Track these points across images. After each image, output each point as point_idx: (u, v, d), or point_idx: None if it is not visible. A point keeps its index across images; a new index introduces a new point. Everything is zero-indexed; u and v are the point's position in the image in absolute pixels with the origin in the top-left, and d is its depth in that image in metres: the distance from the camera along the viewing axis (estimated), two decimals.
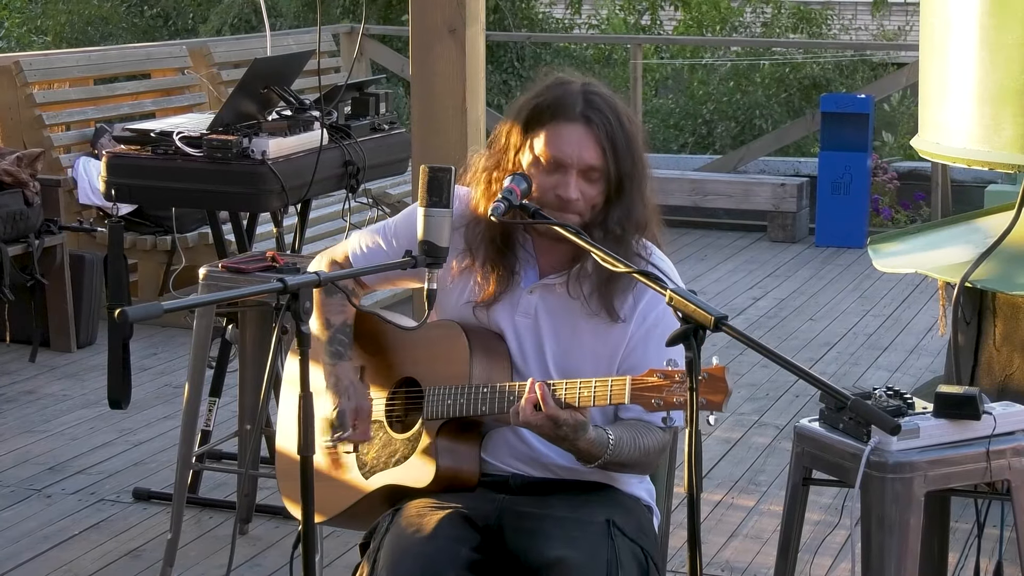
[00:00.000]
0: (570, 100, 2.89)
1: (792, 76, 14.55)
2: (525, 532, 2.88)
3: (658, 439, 2.94)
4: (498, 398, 2.87)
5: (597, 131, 2.88)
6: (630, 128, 2.93)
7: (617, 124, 2.90)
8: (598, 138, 2.88)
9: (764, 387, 6.28)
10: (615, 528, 2.89)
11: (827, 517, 4.79)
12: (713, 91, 14.90)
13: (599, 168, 2.89)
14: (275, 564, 4.46)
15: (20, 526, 4.78)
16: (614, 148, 2.89)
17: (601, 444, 2.83)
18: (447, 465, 2.94)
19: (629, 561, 2.85)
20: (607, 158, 2.88)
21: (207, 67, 8.41)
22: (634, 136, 2.93)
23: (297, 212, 4.99)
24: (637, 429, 2.91)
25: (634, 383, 2.67)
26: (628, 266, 2.71)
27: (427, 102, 5.10)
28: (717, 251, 9.28)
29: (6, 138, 7.26)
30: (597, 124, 2.88)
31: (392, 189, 7.84)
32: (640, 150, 2.95)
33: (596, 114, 2.88)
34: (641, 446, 2.90)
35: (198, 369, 4.29)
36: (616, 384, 2.70)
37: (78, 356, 6.72)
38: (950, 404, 3.19)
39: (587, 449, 2.81)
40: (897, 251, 4.89)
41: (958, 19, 4.52)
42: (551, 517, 2.90)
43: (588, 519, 2.89)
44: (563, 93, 2.92)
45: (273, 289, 2.57)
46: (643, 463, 2.94)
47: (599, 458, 2.84)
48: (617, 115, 2.91)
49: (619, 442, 2.85)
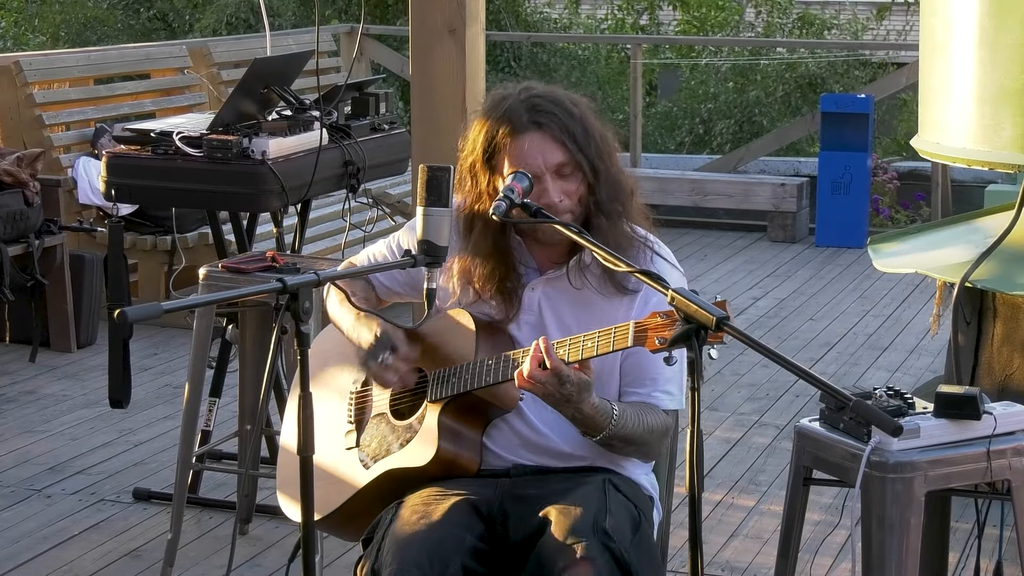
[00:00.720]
0: (514, 115, 2.93)
1: (789, 75, 14.56)
2: (528, 516, 2.89)
3: (661, 420, 2.98)
4: (503, 367, 2.89)
5: (551, 130, 2.92)
6: (579, 112, 2.96)
7: (566, 115, 2.94)
8: (555, 136, 2.92)
9: (764, 387, 6.29)
10: (610, 485, 2.94)
11: (827, 517, 4.79)
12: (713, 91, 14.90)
13: (568, 162, 2.93)
14: (275, 564, 4.46)
15: (20, 526, 4.78)
16: (573, 137, 2.93)
17: (605, 412, 2.86)
18: (448, 446, 2.96)
19: (620, 512, 2.88)
20: (571, 149, 2.92)
21: (207, 67, 8.41)
22: (586, 117, 2.97)
23: (297, 212, 4.99)
24: (641, 407, 2.95)
25: (637, 326, 2.69)
26: (630, 265, 2.72)
27: (427, 102, 5.09)
28: (717, 251, 9.28)
29: (6, 138, 7.26)
30: (547, 124, 2.92)
31: (392, 189, 7.84)
32: (596, 127, 2.99)
33: (543, 115, 2.92)
34: (645, 423, 2.93)
35: (198, 369, 4.29)
36: (619, 330, 2.72)
37: (78, 356, 6.72)
38: (950, 404, 3.19)
39: (591, 415, 2.84)
40: (897, 251, 4.89)
41: (958, 19, 4.52)
42: (552, 492, 2.92)
43: (586, 486, 2.93)
44: (505, 111, 2.95)
45: (273, 289, 2.58)
46: (647, 442, 2.96)
47: (603, 428, 2.86)
48: (562, 106, 2.95)
49: (623, 414, 2.89)
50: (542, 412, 2.99)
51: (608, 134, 3.01)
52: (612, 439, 2.90)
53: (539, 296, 3.02)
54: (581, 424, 2.88)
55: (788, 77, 14.50)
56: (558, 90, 3.00)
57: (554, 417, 2.98)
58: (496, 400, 2.97)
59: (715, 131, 14.40)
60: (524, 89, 2.98)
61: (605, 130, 3.01)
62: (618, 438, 2.90)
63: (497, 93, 3.01)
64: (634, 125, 10.48)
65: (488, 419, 3.01)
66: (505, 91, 3.00)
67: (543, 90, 2.98)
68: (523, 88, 2.99)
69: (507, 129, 2.93)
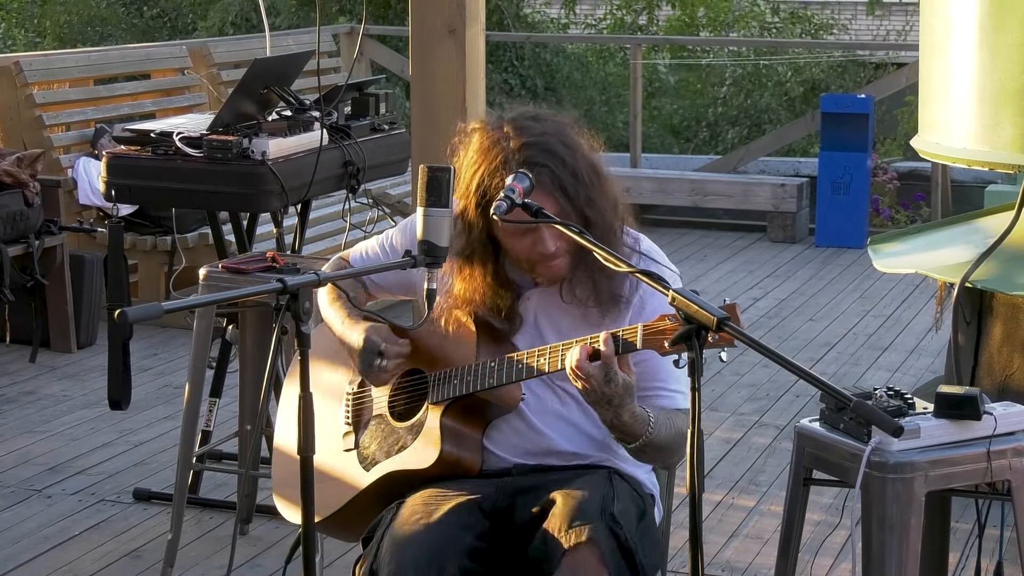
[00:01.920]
0: (509, 167, 2.89)
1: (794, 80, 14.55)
2: (532, 505, 2.90)
3: (683, 422, 2.94)
4: (506, 369, 2.89)
5: (543, 185, 2.89)
6: (570, 156, 2.93)
7: (559, 164, 2.91)
8: (547, 190, 2.90)
9: (764, 387, 6.29)
10: (615, 474, 2.95)
11: (828, 517, 4.79)
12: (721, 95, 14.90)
13: (560, 212, 2.91)
14: (275, 564, 4.46)
15: (20, 526, 4.78)
16: (564, 190, 2.91)
17: (643, 419, 2.84)
18: (451, 448, 2.96)
19: (627, 498, 2.89)
20: (562, 203, 2.91)
21: (207, 67, 8.40)
22: (577, 161, 2.94)
23: (297, 212, 4.99)
24: (666, 413, 2.94)
25: (645, 328, 2.69)
26: (630, 266, 2.72)
27: (427, 102, 5.09)
28: (717, 251, 9.28)
29: (6, 138, 7.26)
30: (541, 180, 2.88)
31: (392, 189, 7.84)
32: (585, 163, 2.95)
33: (536, 168, 2.88)
34: (673, 427, 2.92)
35: (198, 369, 4.29)
36: (628, 332, 2.72)
37: (78, 356, 6.72)
38: (951, 404, 3.19)
39: (630, 422, 2.81)
40: (897, 251, 4.89)
41: (958, 19, 4.52)
42: (555, 481, 2.93)
43: (589, 477, 2.94)
44: (499, 161, 2.91)
45: (273, 289, 2.58)
46: (676, 445, 2.94)
47: (641, 436, 2.84)
48: (555, 155, 2.91)
49: (657, 420, 2.87)
50: (542, 412, 2.99)
51: (596, 160, 2.99)
52: (648, 447, 2.88)
53: (534, 307, 3.02)
54: (618, 430, 2.85)
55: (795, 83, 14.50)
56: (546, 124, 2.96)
57: (554, 417, 2.98)
58: (497, 400, 2.97)
59: (722, 137, 14.40)
60: (515, 132, 2.93)
61: (594, 156, 2.99)
62: (652, 446, 2.88)
63: (487, 135, 2.96)
64: (634, 125, 10.49)
65: (488, 419, 3.01)
66: (495, 134, 2.95)
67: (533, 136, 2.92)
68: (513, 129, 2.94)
69: (501, 184, 2.88)
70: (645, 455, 2.94)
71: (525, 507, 2.92)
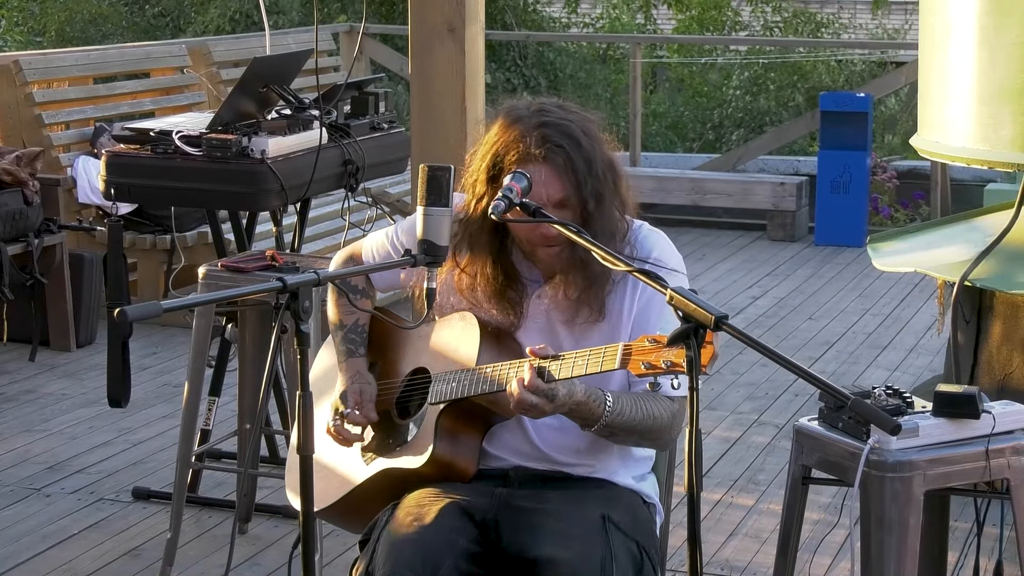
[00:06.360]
0: (524, 143, 2.91)
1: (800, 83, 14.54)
2: (521, 528, 2.89)
3: (665, 407, 2.95)
4: (498, 377, 2.89)
5: (556, 165, 2.91)
6: (588, 144, 2.95)
7: (574, 147, 2.92)
8: (560, 172, 2.91)
9: (763, 386, 6.29)
10: (610, 523, 2.90)
11: (826, 516, 4.80)
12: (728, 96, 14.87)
13: (567, 197, 2.92)
14: (274, 563, 4.46)
15: (19, 525, 4.78)
16: (575, 175, 2.92)
17: (597, 399, 2.85)
18: (443, 450, 2.96)
19: (624, 556, 2.86)
20: (571, 187, 2.92)
21: (206, 66, 8.40)
22: (594, 146, 2.96)
23: (296, 211, 4.99)
24: (640, 395, 2.93)
25: (625, 348, 2.69)
26: (629, 265, 2.72)
27: (427, 102, 5.09)
28: (716, 250, 9.28)
29: (6, 137, 7.26)
30: (554, 159, 2.91)
31: (392, 188, 7.84)
32: (602, 156, 2.97)
33: (553, 148, 2.91)
34: (644, 409, 2.91)
35: (198, 368, 4.29)
36: (608, 351, 2.73)
37: (77, 355, 6.72)
38: (949, 403, 3.19)
39: (584, 402, 2.82)
40: (896, 250, 4.89)
41: (958, 19, 4.52)
42: (546, 512, 2.91)
43: (583, 515, 2.90)
44: (518, 134, 2.93)
45: (272, 288, 2.58)
46: (653, 429, 2.94)
47: (599, 416, 2.85)
48: (572, 138, 2.93)
49: (617, 400, 2.87)
50: (542, 422, 2.98)
51: (614, 158, 3.01)
52: (611, 427, 2.88)
53: (546, 304, 3.02)
54: (577, 416, 2.87)
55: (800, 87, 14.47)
56: (571, 114, 2.98)
57: (554, 429, 2.98)
58: (496, 407, 2.96)
59: (725, 139, 14.38)
60: (537, 112, 2.96)
61: (612, 154, 3.00)
62: (617, 426, 2.88)
63: (512, 111, 2.99)
64: (633, 124, 10.49)
65: (488, 424, 3.01)
66: (519, 111, 2.98)
67: (555, 118, 2.95)
68: (537, 110, 2.97)
69: (514, 156, 2.92)
70: (616, 437, 2.94)
71: (513, 529, 2.90)
